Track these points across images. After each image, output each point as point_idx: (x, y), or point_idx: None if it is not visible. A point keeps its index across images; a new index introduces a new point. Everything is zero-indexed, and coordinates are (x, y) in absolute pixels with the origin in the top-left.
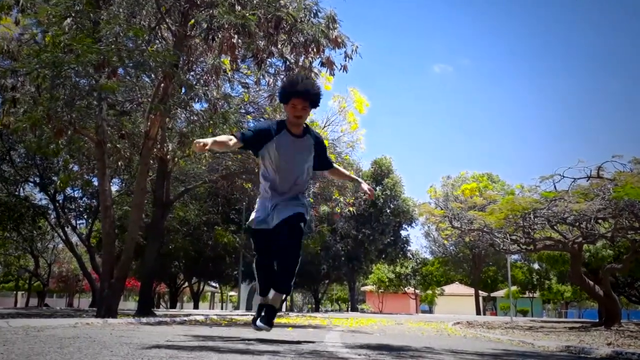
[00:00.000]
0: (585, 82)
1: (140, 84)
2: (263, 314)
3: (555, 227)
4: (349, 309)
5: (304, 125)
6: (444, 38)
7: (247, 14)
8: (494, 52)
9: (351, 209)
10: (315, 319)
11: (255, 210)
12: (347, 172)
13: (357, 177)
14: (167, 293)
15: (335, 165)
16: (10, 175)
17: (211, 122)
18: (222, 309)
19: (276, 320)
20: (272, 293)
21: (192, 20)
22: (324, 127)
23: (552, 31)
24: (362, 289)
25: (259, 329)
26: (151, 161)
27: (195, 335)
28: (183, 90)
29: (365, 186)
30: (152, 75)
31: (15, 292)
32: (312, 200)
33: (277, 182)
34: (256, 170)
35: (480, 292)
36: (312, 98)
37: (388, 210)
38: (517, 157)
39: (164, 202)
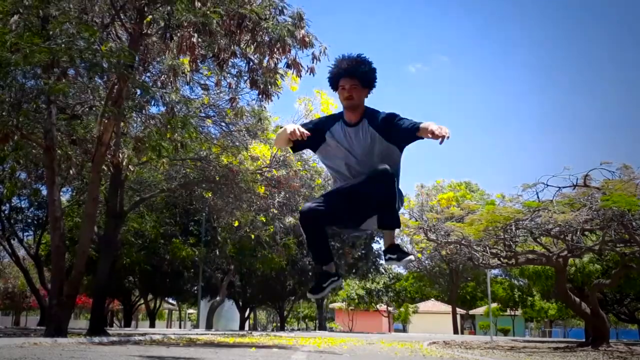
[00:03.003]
0: (570, 85)
1: (92, 85)
2: (393, 253)
3: (538, 239)
4: (317, 327)
5: (364, 109)
6: (419, 35)
7: (208, 12)
8: (474, 47)
9: None
10: (281, 339)
11: None
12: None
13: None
14: (121, 310)
15: (420, 123)
16: None
17: (169, 126)
18: (180, 327)
19: (239, 340)
20: (386, 233)
21: (149, 18)
22: None
23: (533, 28)
24: (331, 306)
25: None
26: (104, 169)
27: (151, 356)
28: (138, 93)
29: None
30: (106, 77)
31: None
32: (276, 211)
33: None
34: (217, 178)
35: (458, 309)
36: (360, 74)
37: None
38: (498, 165)
39: (118, 213)
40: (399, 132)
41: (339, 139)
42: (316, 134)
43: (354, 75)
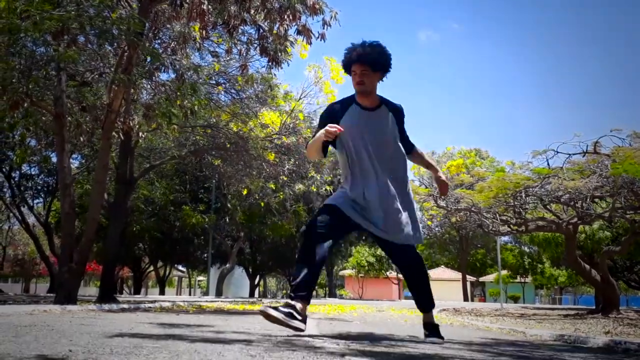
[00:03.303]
0: (581, 50)
1: (102, 53)
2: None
3: (548, 206)
4: (327, 294)
5: (378, 97)
6: (430, 2)
7: None
8: (485, 14)
9: (328, 187)
10: None
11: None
12: (428, 157)
13: (435, 165)
14: (131, 278)
15: (417, 147)
16: None
17: (179, 93)
18: (190, 294)
19: (249, 307)
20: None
21: None
22: (299, 99)
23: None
24: (341, 273)
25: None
26: (114, 135)
27: (161, 323)
28: (148, 60)
29: (442, 177)
30: (115, 44)
31: None
32: (286, 178)
33: (365, 168)
34: (227, 145)
35: (468, 276)
36: (371, 60)
37: None
38: (508, 132)
39: (128, 180)
40: (402, 138)
41: (352, 122)
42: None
43: (363, 61)
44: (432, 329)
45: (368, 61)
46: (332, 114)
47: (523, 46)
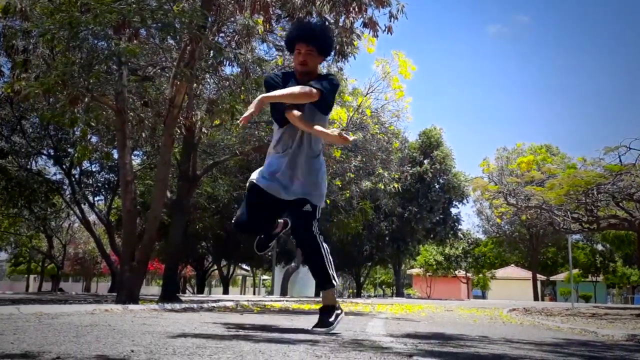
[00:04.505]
0: None
1: (164, 46)
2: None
3: (620, 204)
4: (394, 294)
5: (317, 75)
6: None
7: None
8: (556, 5)
9: (396, 184)
10: (357, 305)
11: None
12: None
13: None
14: (194, 277)
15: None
16: (22, 147)
17: (243, 88)
18: (254, 294)
19: (314, 307)
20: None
21: None
22: (367, 94)
23: None
24: (409, 272)
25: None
26: (176, 131)
27: (225, 323)
28: (211, 54)
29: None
30: (178, 38)
31: (27, 275)
32: (352, 175)
33: (286, 136)
34: None
35: (538, 275)
36: (317, 41)
37: (437, 186)
38: (579, 127)
39: (191, 177)
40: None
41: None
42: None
43: (311, 41)
44: (322, 313)
45: (315, 43)
46: (275, 81)
47: (594, 39)
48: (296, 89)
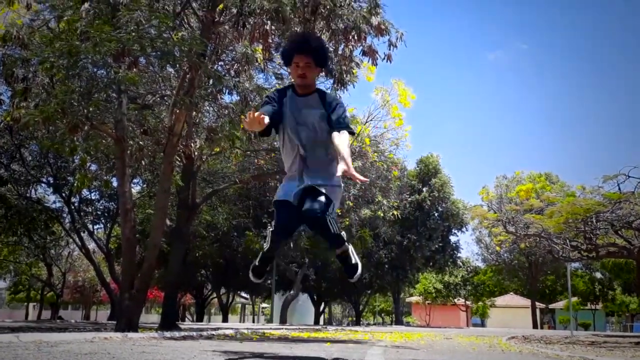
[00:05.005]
0: None
1: (163, 75)
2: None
3: (619, 232)
4: (393, 322)
5: (315, 88)
6: (498, 22)
7: None
8: (556, 33)
9: (395, 212)
10: (356, 334)
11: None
12: (347, 147)
13: (347, 156)
14: (193, 305)
15: (344, 130)
16: (21, 175)
17: (242, 116)
18: (253, 322)
19: (314, 335)
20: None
21: (221, 5)
22: (366, 122)
23: (616, 17)
24: (408, 300)
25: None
26: (176, 160)
27: (224, 351)
28: (211, 82)
29: (347, 169)
30: (177, 66)
31: (26, 303)
32: (351, 204)
33: (297, 149)
34: None
35: (537, 303)
36: (315, 53)
37: (436, 214)
38: (579, 155)
39: (190, 205)
40: (332, 119)
41: (291, 106)
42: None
43: (309, 53)
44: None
45: (313, 54)
46: (275, 99)
47: (594, 66)
48: (348, 149)
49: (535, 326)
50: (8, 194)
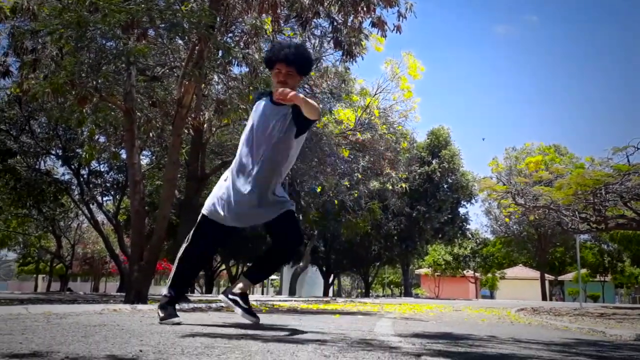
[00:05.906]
0: None
1: (172, 47)
2: (245, 306)
3: (629, 203)
4: (402, 293)
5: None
6: None
7: None
8: (565, 5)
9: (404, 184)
10: (365, 305)
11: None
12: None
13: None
14: (203, 277)
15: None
16: (31, 147)
17: (251, 87)
18: (262, 293)
19: (323, 307)
20: (243, 281)
21: None
22: (375, 94)
23: None
24: (417, 272)
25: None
26: (185, 131)
27: (233, 322)
28: (220, 54)
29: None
30: (186, 38)
31: (35, 275)
32: (360, 176)
33: (241, 157)
34: None
35: (546, 275)
36: (297, 63)
37: (445, 186)
38: (588, 127)
39: (199, 177)
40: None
41: (257, 112)
42: None
43: (290, 63)
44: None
45: (296, 64)
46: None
47: (606, 37)
48: (312, 101)
49: (544, 298)
50: (17, 166)
